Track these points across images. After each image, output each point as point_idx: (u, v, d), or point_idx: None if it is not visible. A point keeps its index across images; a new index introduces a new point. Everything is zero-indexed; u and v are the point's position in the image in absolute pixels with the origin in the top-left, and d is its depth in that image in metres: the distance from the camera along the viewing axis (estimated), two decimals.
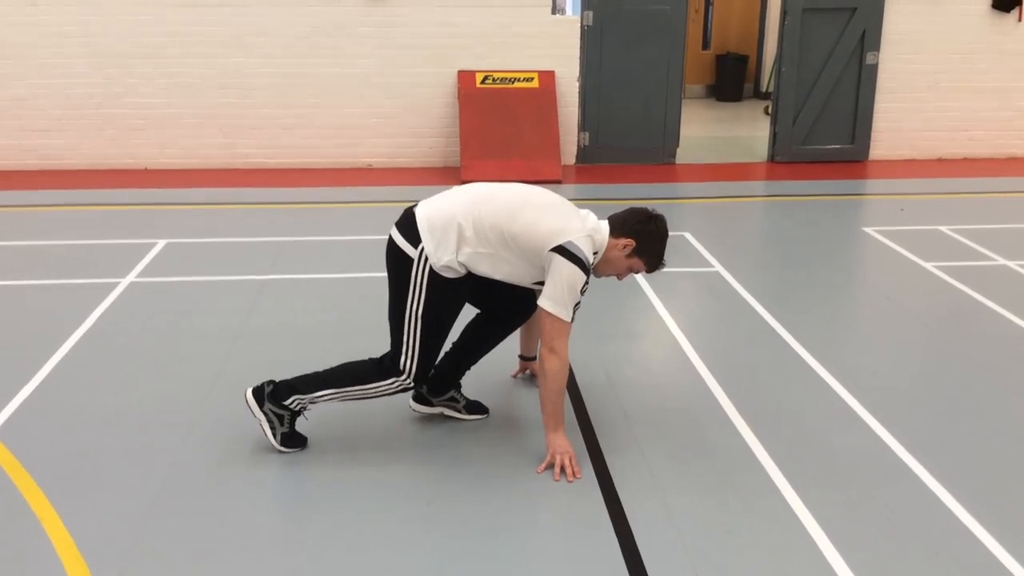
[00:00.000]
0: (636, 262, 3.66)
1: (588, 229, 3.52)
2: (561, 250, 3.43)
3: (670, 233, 3.74)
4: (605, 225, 3.63)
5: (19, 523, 3.26)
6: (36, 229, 6.69)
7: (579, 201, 7.59)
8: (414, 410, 3.98)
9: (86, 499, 3.40)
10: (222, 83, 8.39)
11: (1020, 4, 8.86)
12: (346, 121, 8.58)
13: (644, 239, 3.62)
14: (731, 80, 12.73)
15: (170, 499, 3.41)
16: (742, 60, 12.74)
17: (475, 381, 4.11)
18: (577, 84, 8.64)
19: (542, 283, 3.51)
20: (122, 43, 8.23)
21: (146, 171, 8.44)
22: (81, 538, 3.17)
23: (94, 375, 4.40)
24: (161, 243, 6.26)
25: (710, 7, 12.92)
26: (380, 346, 3.69)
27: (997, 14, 8.91)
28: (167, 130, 8.44)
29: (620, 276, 3.76)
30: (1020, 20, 8.92)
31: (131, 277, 5.62)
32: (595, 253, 3.56)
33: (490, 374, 4.24)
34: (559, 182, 7.98)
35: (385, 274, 3.63)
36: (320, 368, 3.71)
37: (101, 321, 4.98)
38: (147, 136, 8.45)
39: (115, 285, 5.47)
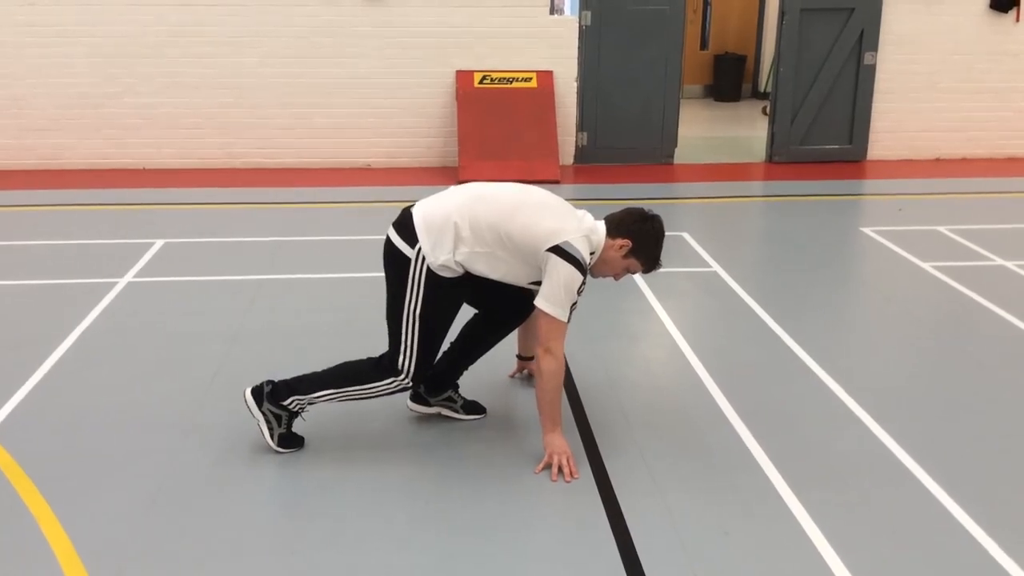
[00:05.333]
0: (633, 262, 3.66)
1: (585, 229, 3.53)
2: (558, 250, 3.43)
3: (668, 233, 3.75)
4: (602, 225, 3.64)
5: (17, 524, 3.25)
6: (34, 229, 6.68)
7: (577, 201, 7.60)
8: (411, 410, 3.98)
9: (84, 500, 3.40)
10: (220, 83, 8.38)
11: (1018, 5, 8.86)
12: (344, 121, 8.57)
13: (641, 239, 3.62)
14: (729, 80, 12.72)
15: (168, 500, 3.41)
16: (740, 60, 12.75)
17: (472, 380, 4.10)
18: (575, 84, 8.64)
19: (539, 283, 3.52)
20: (120, 43, 8.22)
21: (144, 171, 8.43)
22: (79, 539, 3.16)
23: (92, 375, 4.39)
24: (159, 243, 6.25)
25: (708, 7, 12.92)
26: (379, 346, 3.68)
27: (995, 14, 8.92)
28: (165, 130, 8.43)
29: (617, 276, 3.77)
30: (1018, 21, 8.93)
31: (129, 277, 5.61)
32: (592, 253, 3.56)
33: (488, 374, 4.23)
34: (557, 182, 7.97)
35: (383, 274, 3.63)
36: (319, 368, 3.71)
37: (99, 321, 4.97)
38: (145, 136, 8.43)
39: (113, 285, 5.46)
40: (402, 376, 3.62)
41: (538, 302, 3.48)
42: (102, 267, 5.77)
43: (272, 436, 3.67)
